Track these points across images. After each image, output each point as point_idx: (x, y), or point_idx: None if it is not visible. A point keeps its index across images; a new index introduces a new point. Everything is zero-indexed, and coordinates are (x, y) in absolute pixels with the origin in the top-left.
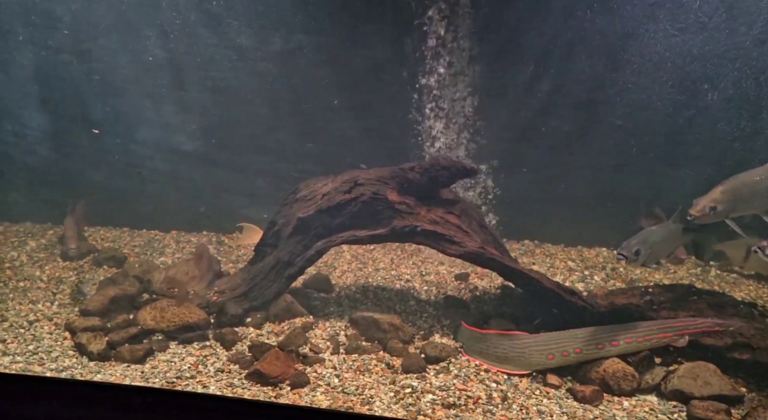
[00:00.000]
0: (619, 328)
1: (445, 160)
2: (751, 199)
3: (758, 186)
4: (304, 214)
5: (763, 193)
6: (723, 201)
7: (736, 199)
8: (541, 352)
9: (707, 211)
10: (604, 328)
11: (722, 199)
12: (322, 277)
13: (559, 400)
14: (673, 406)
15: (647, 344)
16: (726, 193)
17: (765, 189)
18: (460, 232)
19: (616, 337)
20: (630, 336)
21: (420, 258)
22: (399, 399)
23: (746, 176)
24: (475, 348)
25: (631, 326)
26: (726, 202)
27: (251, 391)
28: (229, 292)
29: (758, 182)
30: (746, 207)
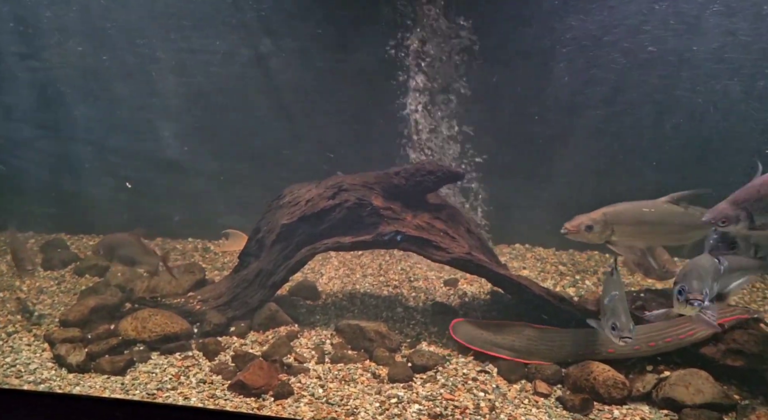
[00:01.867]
0: (653, 327)
1: (430, 164)
2: (633, 230)
3: (642, 218)
4: (287, 221)
5: (645, 228)
6: (601, 223)
7: (618, 224)
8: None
9: (582, 228)
10: (638, 328)
11: (601, 220)
12: (308, 284)
13: (549, 410)
14: (665, 415)
15: (684, 341)
16: (608, 215)
17: (649, 223)
18: (447, 238)
19: (651, 336)
20: (667, 334)
21: (409, 263)
22: (384, 409)
23: (634, 207)
24: (487, 339)
25: (661, 325)
26: (604, 225)
27: (233, 402)
28: (213, 300)
29: (644, 215)
30: (627, 236)
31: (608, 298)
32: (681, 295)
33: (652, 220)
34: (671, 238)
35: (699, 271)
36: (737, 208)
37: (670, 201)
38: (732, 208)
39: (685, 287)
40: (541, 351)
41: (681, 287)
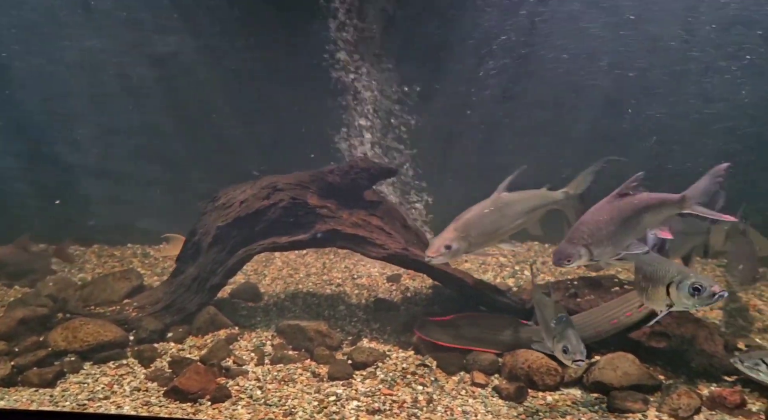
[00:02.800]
0: (621, 301)
1: (364, 161)
2: (485, 232)
3: (487, 218)
4: (222, 223)
5: (493, 226)
6: (456, 239)
7: (472, 234)
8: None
9: (442, 251)
10: (610, 304)
11: (455, 237)
12: (250, 285)
13: (485, 399)
14: (595, 398)
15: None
16: (458, 230)
17: (494, 220)
18: (383, 234)
19: (608, 316)
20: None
21: (353, 261)
22: (323, 408)
23: (476, 211)
24: (467, 334)
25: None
26: (459, 240)
27: (168, 408)
28: (150, 306)
29: (486, 215)
30: (483, 240)
31: (555, 321)
32: (698, 292)
33: (495, 217)
34: (519, 224)
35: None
36: (576, 245)
37: (505, 191)
38: (572, 246)
39: (700, 285)
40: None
41: (695, 285)
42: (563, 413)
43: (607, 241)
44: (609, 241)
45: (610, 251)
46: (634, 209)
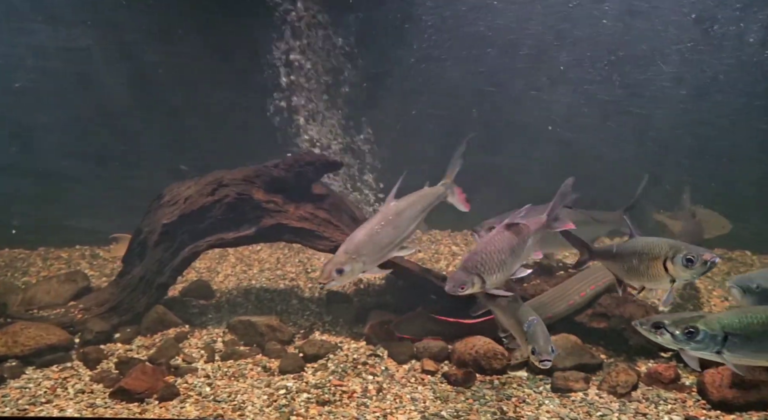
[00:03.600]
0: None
1: (309, 154)
2: (375, 251)
3: (377, 235)
4: (168, 221)
5: (382, 241)
6: (348, 262)
7: (364, 253)
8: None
9: (334, 275)
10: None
11: (348, 260)
12: (202, 283)
13: (434, 386)
14: (540, 379)
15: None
16: (349, 252)
17: (383, 235)
18: (331, 227)
19: (579, 288)
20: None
21: (307, 255)
22: (272, 401)
23: (366, 229)
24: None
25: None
26: (352, 261)
27: (114, 409)
28: (96, 308)
29: (378, 231)
30: (375, 260)
31: (527, 324)
32: (692, 263)
33: (388, 230)
34: (413, 229)
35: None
36: (470, 274)
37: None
38: (465, 274)
39: (692, 256)
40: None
41: (688, 256)
42: (509, 396)
43: (498, 269)
44: (499, 269)
45: (500, 278)
46: (520, 238)
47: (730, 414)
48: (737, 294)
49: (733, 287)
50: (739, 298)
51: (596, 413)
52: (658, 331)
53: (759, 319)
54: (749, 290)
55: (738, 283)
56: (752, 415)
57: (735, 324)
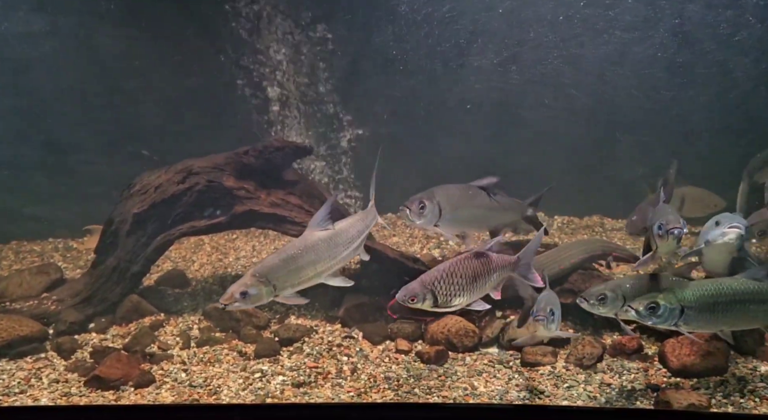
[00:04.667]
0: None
1: (278, 141)
2: (288, 272)
3: (295, 262)
4: (138, 210)
5: (305, 267)
6: (255, 285)
7: (275, 278)
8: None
9: (237, 297)
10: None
11: (254, 283)
12: (177, 272)
13: (407, 365)
14: (510, 355)
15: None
16: (257, 275)
17: (306, 263)
18: (302, 212)
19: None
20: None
21: (282, 242)
22: (248, 384)
23: (282, 253)
24: None
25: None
26: (260, 284)
27: (89, 397)
28: (70, 299)
29: (295, 257)
30: (290, 283)
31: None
32: (660, 229)
33: (303, 258)
34: (344, 257)
35: (667, 210)
36: (424, 289)
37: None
38: (420, 288)
39: (663, 222)
40: None
41: (660, 222)
42: (480, 372)
43: (455, 294)
44: (456, 294)
45: (456, 302)
46: (485, 270)
47: (689, 380)
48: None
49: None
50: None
51: (563, 385)
52: (622, 309)
53: (709, 292)
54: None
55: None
56: (709, 380)
57: (689, 297)
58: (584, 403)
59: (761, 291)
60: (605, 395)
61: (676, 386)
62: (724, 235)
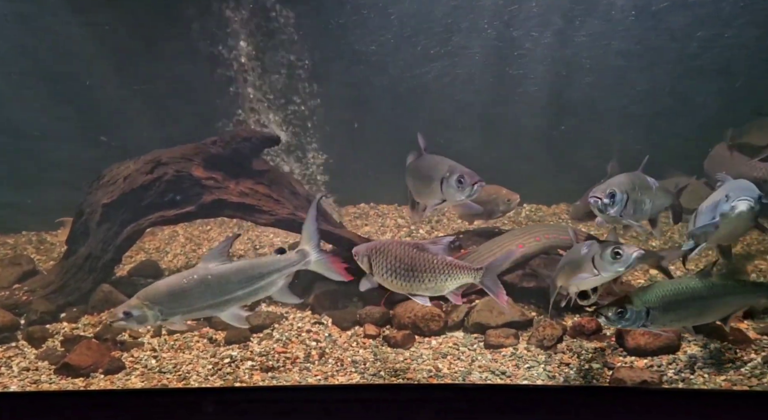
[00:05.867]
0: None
1: (245, 131)
2: (173, 297)
3: (184, 292)
4: (108, 201)
5: (185, 299)
6: (139, 307)
7: (161, 303)
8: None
9: (120, 316)
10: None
11: (138, 305)
12: (150, 263)
13: (375, 349)
14: (475, 338)
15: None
16: (142, 298)
17: (200, 293)
18: (271, 201)
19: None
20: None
21: (256, 233)
22: (217, 370)
23: (173, 280)
24: None
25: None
26: (144, 308)
27: (59, 384)
28: (41, 289)
29: (185, 288)
30: (180, 309)
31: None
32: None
33: (194, 289)
34: (244, 295)
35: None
36: (365, 251)
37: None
38: (363, 250)
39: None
40: None
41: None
42: (444, 354)
43: (387, 271)
44: (388, 272)
45: (389, 281)
46: (426, 266)
47: (643, 358)
48: None
49: None
50: None
51: (524, 365)
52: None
53: (670, 292)
54: None
55: None
56: (661, 359)
57: (653, 299)
58: (543, 382)
59: (715, 287)
60: (564, 374)
61: (631, 365)
62: (734, 209)
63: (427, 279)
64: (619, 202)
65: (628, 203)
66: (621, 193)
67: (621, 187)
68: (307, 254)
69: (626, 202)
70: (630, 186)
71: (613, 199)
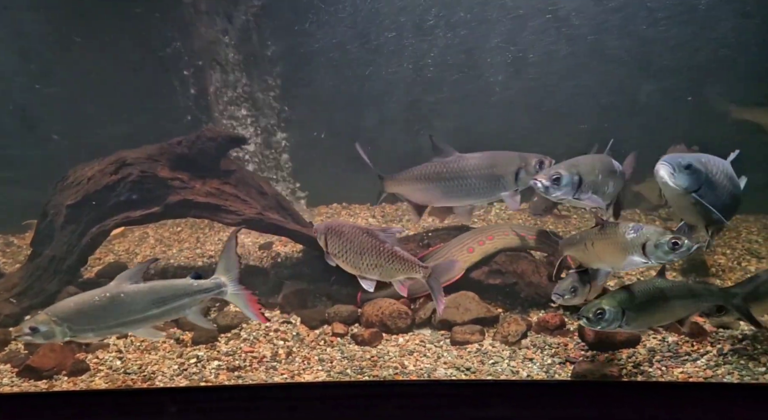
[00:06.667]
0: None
1: (210, 131)
2: (91, 319)
3: (92, 309)
4: (72, 202)
5: (93, 316)
6: (45, 323)
7: (68, 321)
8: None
9: (26, 330)
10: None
11: (44, 321)
12: (118, 265)
13: (342, 347)
14: (441, 335)
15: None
16: (49, 314)
17: (105, 312)
18: (238, 201)
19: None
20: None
21: (227, 233)
22: (183, 370)
23: (83, 298)
24: None
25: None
26: (51, 324)
27: (21, 387)
28: (5, 292)
29: (94, 305)
30: (93, 327)
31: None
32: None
33: (102, 307)
34: (143, 316)
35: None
36: (323, 229)
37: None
38: (322, 227)
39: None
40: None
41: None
42: (411, 351)
43: (340, 252)
44: (341, 253)
45: (341, 259)
46: (375, 252)
47: (604, 352)
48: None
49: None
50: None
51: (489, 361)
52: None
53: (642, 292)
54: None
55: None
56: (621, 352)
57: (627, 299)
58: (507, 378)
59: (679, 287)
60: (527, 369)
61: (592, 359)
62: (656, 172)
63: (373, 265)
64: (567, 184)
65: (582, 185)
66: (570, 175)
67: (572, 169)
68: (223, 285)
69: (580, 185)
70: (588, 168)
71: (558, 182)
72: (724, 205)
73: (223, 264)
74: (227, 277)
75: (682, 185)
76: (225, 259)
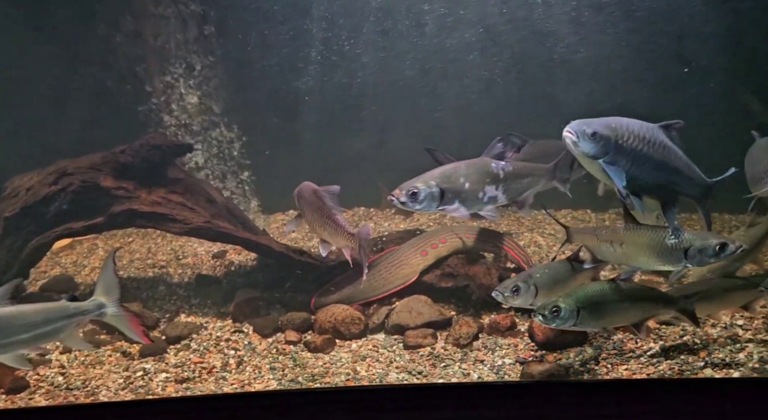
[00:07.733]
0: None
1: (155, 138)
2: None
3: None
4: (10, 214)
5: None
6: None
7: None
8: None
9: None
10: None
11: None
12: (64, 277)
13: (294, 355)
14: (394, 339)
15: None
16: None
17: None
18: (185, 210)
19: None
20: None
21: (179, 243)
22: (129, 384)
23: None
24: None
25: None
26: None
27: None
28: None
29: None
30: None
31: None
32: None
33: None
34: (30, 338)
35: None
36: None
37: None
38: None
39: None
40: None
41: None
42: (364, 357)
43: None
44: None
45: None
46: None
47: (552, 352)
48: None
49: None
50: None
51: (440, 364)
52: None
53: (596, 293)
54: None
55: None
56: (569, 352)
57: (582, 298)
58: (458, 380)
59: (636, 291)
60: (478, 371)
61: (541, 359)
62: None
63: (320, 224)
64: (425, 198)
65: (446, 196)
66: (427, 189)
67: (428, 182)
68: (103, 306)
69: (443, 196)
70: (451, 177)
71: (415, 197)
72: (656, 177)
73: (102, 284)
74: (107, 297)
75: (589, 153)
76: (104, 280)
